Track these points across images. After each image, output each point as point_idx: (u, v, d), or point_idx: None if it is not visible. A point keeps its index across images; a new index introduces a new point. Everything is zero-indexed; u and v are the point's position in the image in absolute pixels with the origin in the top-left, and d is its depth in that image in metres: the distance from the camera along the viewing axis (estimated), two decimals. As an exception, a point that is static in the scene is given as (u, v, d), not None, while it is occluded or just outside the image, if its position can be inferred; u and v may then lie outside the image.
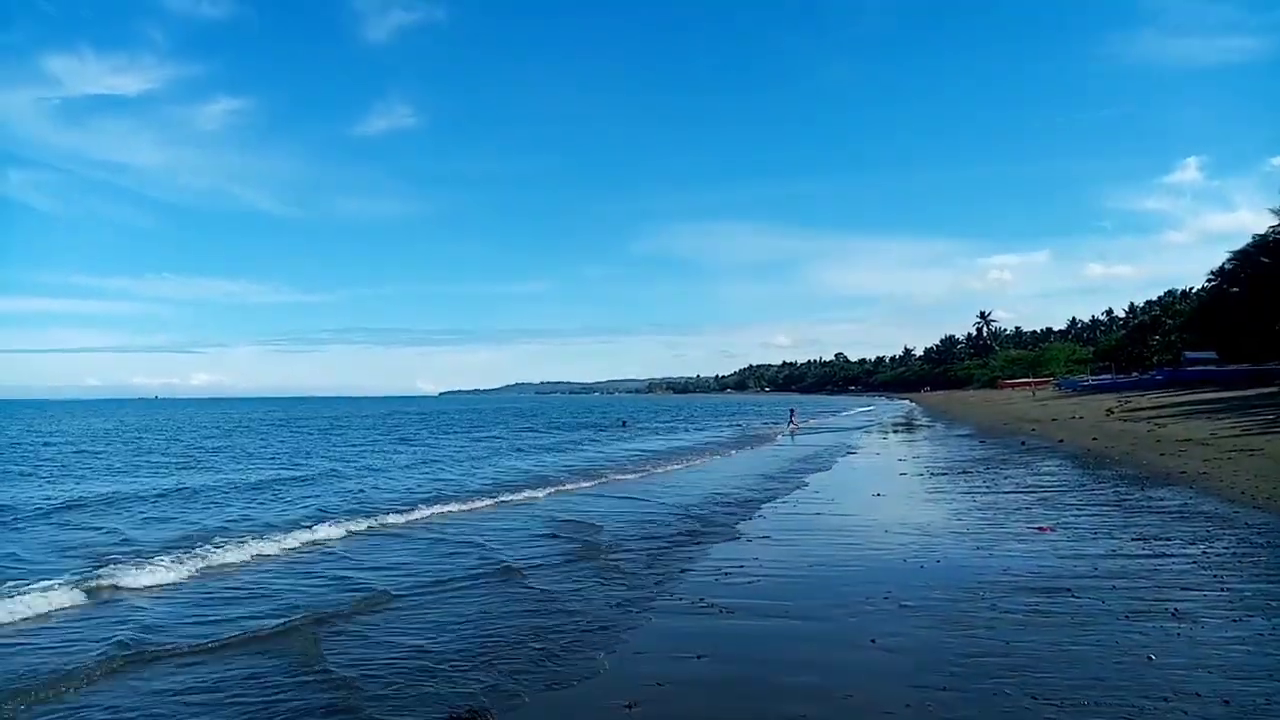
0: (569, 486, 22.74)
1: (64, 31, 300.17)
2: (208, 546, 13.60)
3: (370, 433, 57.62)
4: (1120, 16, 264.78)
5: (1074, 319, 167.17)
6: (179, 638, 8.81)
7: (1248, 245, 56.10)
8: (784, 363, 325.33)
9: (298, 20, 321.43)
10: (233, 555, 13.09)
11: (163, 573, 11.76)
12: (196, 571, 12.16)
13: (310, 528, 15.65)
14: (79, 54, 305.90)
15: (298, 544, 14.21)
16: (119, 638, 8.74)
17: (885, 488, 20.32)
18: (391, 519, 16.96)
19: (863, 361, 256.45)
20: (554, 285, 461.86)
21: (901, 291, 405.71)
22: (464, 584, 11.18)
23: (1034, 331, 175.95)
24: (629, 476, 25.65)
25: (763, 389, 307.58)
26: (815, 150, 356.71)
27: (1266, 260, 49.12)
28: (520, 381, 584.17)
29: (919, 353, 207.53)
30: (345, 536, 15.17)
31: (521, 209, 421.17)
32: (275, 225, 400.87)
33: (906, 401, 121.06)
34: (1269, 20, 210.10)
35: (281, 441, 48.26)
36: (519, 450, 38.60)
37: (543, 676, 7.38)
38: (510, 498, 20.50)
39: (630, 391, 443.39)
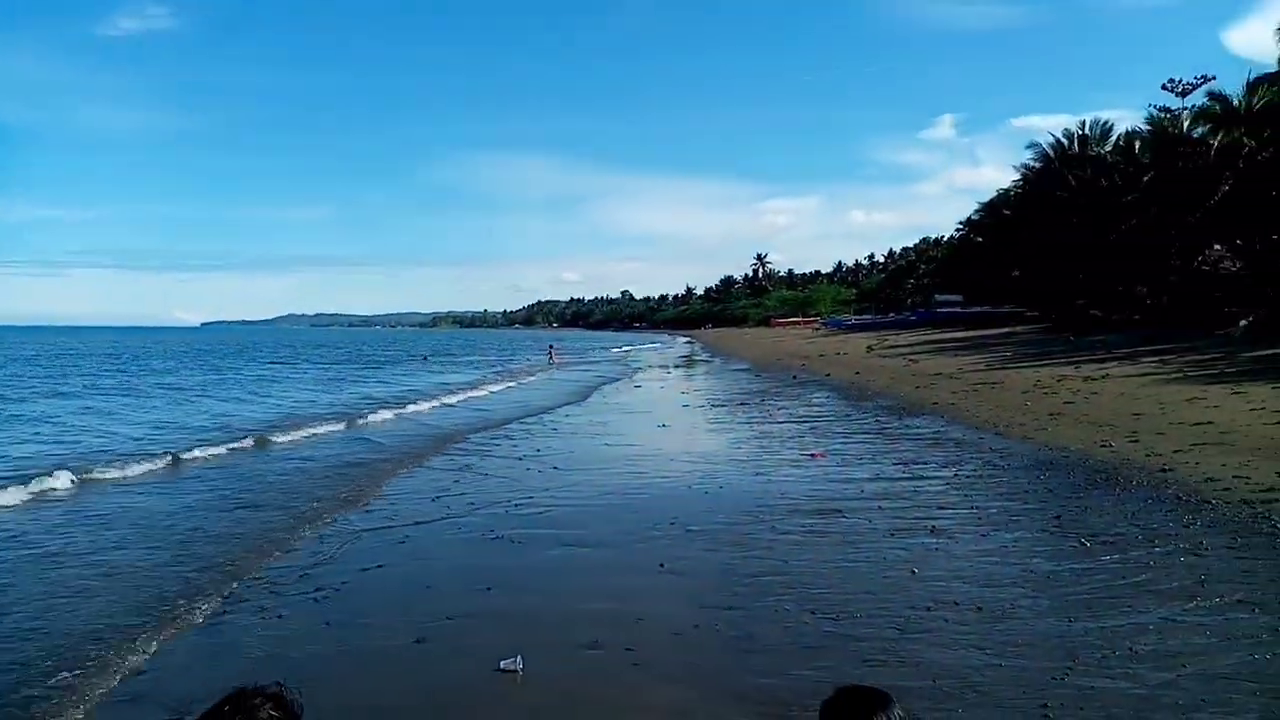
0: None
1: None
2: None
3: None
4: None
5: (839, 263, 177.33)
6: None
7: (992, 198, 61.69)
8: (572, 299, 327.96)
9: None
10: None
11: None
12: None
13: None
14: None
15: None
16: None
17: (670, 419, 20.79)
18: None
19: (648, 299, 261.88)
20: (334, 210, 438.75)
21: (687, 232, 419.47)
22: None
23: (804, 274, 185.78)
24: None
25: (551, 324, 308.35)
26: (615, 83, 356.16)
27: (1007, 213, 54.12)
28: (292, 313, 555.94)
29: (700, 292, 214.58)
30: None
31: (301, 126, 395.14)
32: (7, 131, 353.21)
33: (688, 339, 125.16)
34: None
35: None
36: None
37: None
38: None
39: (414, 325, 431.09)
